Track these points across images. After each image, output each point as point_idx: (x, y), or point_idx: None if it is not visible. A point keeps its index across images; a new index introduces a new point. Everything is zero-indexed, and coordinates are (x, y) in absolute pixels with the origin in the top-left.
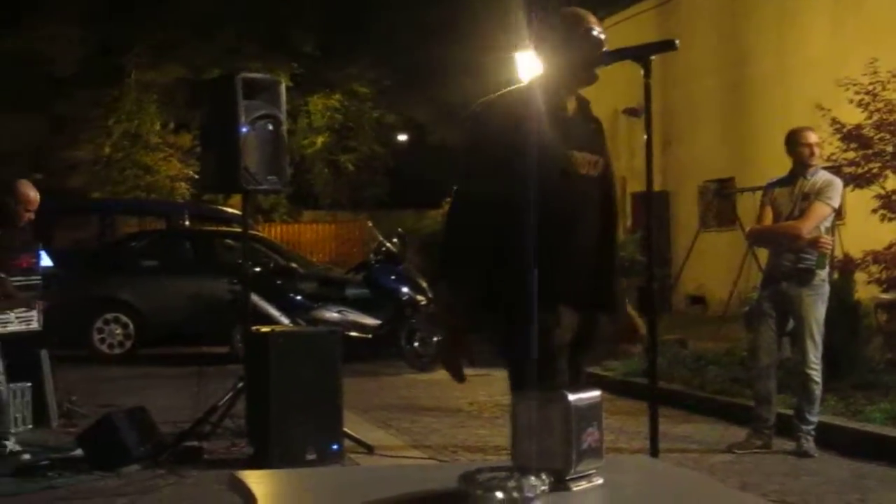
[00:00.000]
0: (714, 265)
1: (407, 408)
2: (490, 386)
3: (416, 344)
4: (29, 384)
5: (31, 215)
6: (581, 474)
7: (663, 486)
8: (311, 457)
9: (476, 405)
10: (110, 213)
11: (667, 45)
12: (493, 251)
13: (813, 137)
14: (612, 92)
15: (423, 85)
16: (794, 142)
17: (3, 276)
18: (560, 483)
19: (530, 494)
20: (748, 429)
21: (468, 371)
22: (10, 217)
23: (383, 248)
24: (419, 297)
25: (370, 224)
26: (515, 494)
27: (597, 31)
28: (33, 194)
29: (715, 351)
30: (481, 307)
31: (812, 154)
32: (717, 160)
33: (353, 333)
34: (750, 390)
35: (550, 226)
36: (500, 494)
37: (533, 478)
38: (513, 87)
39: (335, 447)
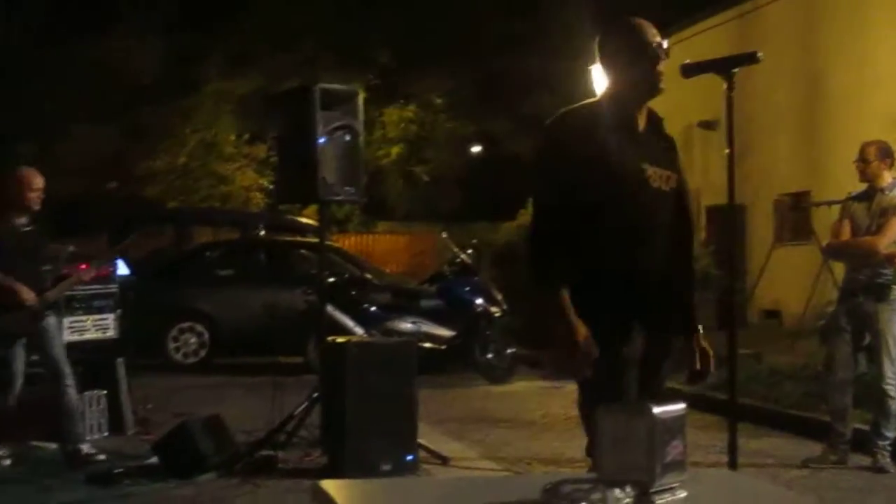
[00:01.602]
0: (789, 279)
1: (481, 419)
2: (564, 398)
3: (489, 355)
4: (105, 392)
5: (38, 199)
6: (664, 487)
7: (745, 501)
8: (385, 467)
9: (549, 417)
10: (186, 222)
11: (749, 58)
12: (569, 263)
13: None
14: (687, 105)
15: (498, 97)
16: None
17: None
18: (644, 496)
19: None
20: (824, 444)
21: (542, 383)
22: (14, 203)
23: (458, 260)
24: (493, 309)
25: (444, 235)
26: None
27: (657, 43)
28: (37, 179)
29: (790, 365)
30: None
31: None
32: (793, 173)
33: (427, 345)
34: (825, 405)
35: (624, 239)
36: None
37: (617, 490)
38: (585, 101)
39: (410, 458)
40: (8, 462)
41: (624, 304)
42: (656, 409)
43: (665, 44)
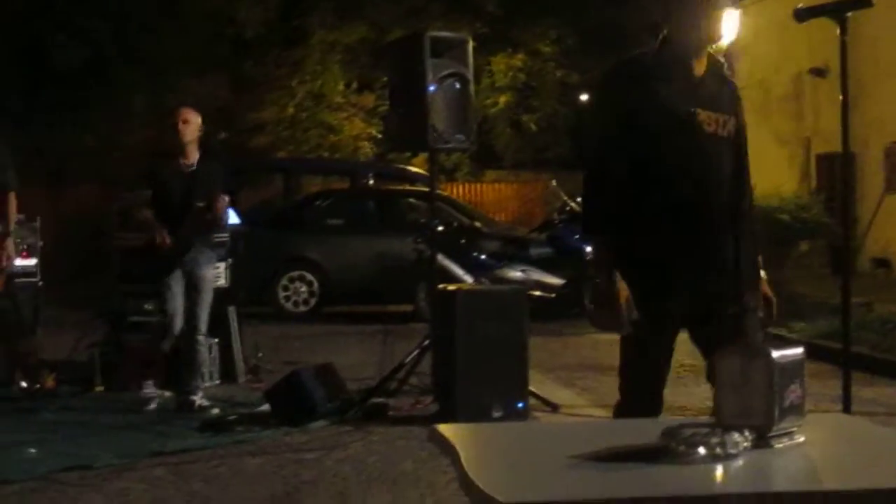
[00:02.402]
0: None
1: (591, 367)
2: (675, 346)
3: None
4: (216, 340)
5: (181, 129)
6: (783, 431)
7: (864, 444)
8: (496, 414)
9: None
10: (295, 172)
11: (863, 2)
12: (617, 216)
13: None
14: (797, 52)
15: (607, 44)
16: None
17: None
18: (762, 440)
19: (733, 451)
20: None
21: None
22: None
23: (567, 208)
24: None
25: (554, 183)
26: (718, 450)
27: None
28: (180, 111)
29: None
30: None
31: None
32: None
33: (537, 293)
34: None
35: (677, 185)
36: (702, 450)
37: (736, 434)
38: (642, 49)
39: (520, 405)
40: (153, 406)
41: (677, 254)
42: (775, 353)
43: None
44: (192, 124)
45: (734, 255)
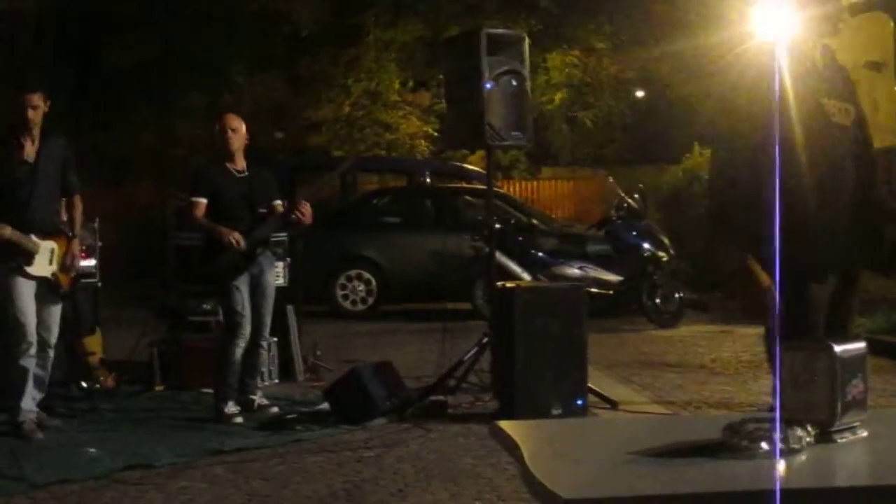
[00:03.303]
0: None
1: (649, 364)
2: (733, 342)
3: (657, 300)
4: (275, 339)
5: (234, 139)
6: (845, 426)
7: None
8: (556, 412)
9: (719, 361)
10: (351, 170)
11: None
12: (752, 203)
13: None
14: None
15: (663, 40)
16: None
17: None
18: (825, 435)
19: (796, 446)
20: None
21: (710, 327)
22: (222, 149)
23: (624, 205)
24: (660, 253)
25: (611, 180)
26: (781, 445)
27: None
28: (231, 120)
29: None
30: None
31: None
32: None
33: (594, 290)
34: None
35: (807, 175)
36: (765, 445)
37: (798, 429)
38: (759, 39)
39: (580, 402)
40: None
41: (813, 244)
42: (838, 348)
43: None
44: (239, 132)
45: (871, 240)
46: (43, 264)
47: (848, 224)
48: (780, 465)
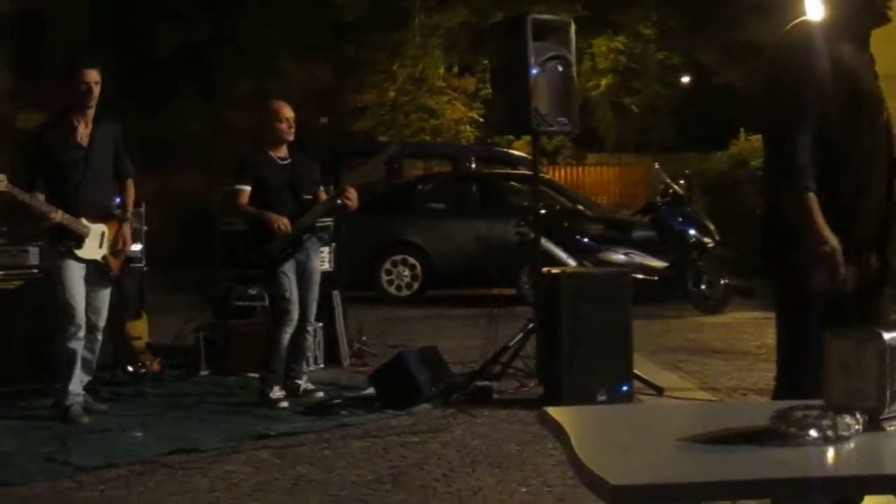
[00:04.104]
0: None
1: (695, 350)
2: None
3: (703, 286)
4: (320, 324)
5: (289, 129)
6: (895, 414)
7: None
8: (601, 398)
9: (765, 348)
10: (397, 156)
11: None
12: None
13: None
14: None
15: (708, 25)
16: None
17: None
18: (874, 422)
19: (845, 433)
20: None
21: (756, 314)
22: (269, 136)
23: (670, 191)
24: (706, 239)
25: (657, 166)
26: (829, 433)
27: None
28: (285, 109)
29: None
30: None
31: None
32: None
33: (640, 276)
34: None
35: (857, 159)
36: (814, 432)
37: (847, 417)
38: (800, 25)
39: (625, 388)
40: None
41: (850, 228)
42: (886, 335)
43: None
44: (292, 122)
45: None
46: (93, 247)
47: (879, 212)
48: (829, 453)
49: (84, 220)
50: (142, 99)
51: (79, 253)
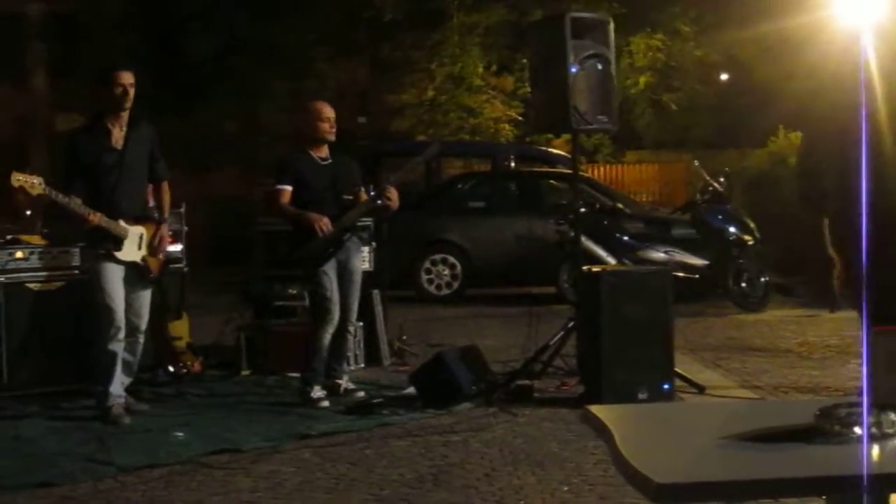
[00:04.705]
0: None
1: (736, 348)
2: (819, 327)
3: (743, 284)
4: (361, 323)
5: (330, 129)
6: None
7: None
8: (642, 396)
9: (806, 346)
10: (436, 155)
11: None
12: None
13: None
14: None
15: (747, 23)
16: None
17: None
18: None
19: (890, 431)
20: None
21: (797, 312)
22: (310, 136)
23: (710, 188)
24: (746, 237)
25: (696, 164)
26: (874, 430)
27: None
28: (326, 109)
29: None
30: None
31: None
32: None
33: (680, 273)
34: None
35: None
36: (858, 430)
37: (892, 414)
38: (845, 20)
39: (666, 386)
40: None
41: None
42: None
43: None
44: (332, 122)
45: None
46: (132, 249)
47: None
48: (874, 450)
49: (122, 223)
50: (179, 100)
51: (118, 255)
